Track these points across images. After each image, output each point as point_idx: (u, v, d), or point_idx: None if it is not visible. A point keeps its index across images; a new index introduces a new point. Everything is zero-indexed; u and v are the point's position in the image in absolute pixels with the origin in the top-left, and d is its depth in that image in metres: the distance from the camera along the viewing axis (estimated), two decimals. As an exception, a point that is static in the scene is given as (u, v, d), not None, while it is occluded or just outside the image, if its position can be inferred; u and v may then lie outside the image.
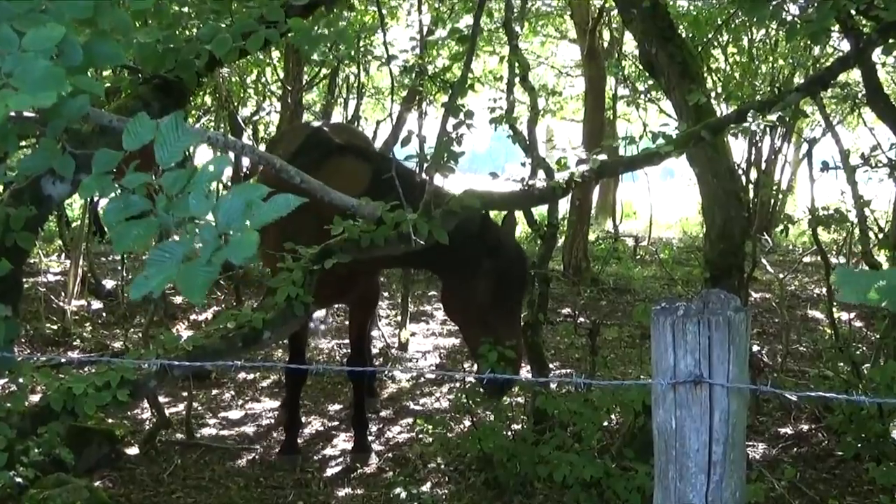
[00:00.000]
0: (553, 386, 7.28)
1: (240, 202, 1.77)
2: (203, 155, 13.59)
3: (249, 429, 7.34)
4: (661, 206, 20.59)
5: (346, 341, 9.55)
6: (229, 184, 11.54)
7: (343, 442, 7.04)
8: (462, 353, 9.31)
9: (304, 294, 4.57)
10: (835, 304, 7.87)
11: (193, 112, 12.06)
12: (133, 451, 6.61)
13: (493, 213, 5.84)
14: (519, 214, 7.52)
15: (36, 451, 4.65)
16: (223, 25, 4.15)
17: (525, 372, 6.73)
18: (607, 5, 13.00)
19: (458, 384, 8.13)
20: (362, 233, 4.70)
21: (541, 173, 6.14)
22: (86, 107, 2.22)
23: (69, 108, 2.19)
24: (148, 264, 1.80)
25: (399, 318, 10.15)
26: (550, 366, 7.89)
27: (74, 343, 9.00)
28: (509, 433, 6.11)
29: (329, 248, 4.80)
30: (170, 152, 1.96)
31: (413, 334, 10.17)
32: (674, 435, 2.58)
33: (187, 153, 2.08)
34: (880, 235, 8.49)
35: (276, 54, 12.18)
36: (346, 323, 8.76)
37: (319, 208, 3.95)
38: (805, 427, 6.96)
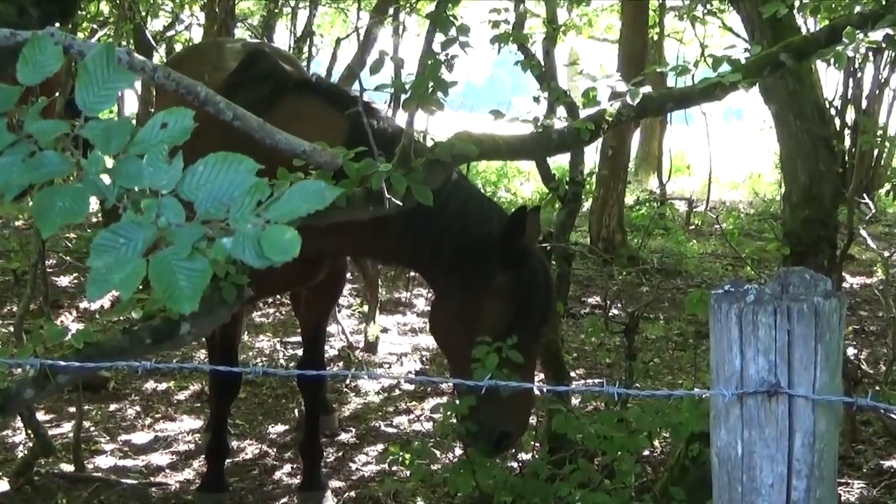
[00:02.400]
0: (575, 401, 7.32)
1: (227, 179, 1.82)
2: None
3: (160, 457, 7.36)
4: (725, 158, 20.63)
5: (295, 339, 9.67)
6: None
7: (288, 476, 7.07)
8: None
9: (236, 274, 4.53)
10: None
11: (85, 25, 12.00)
12: (1, 486, 6.60)
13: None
14: (530, 167, 7.53)
15: None
16: None
17: (537, 381, 6.76)
18: None
19: (445, 396, 8.15)
20: (317, 190, 4.70)
21: (560, 111, 6.14)
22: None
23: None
24: (93, 253, 1.80)
25: (365, 308, 10.17)
26: (572, 374, 7.94)
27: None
28: (515, 465, 6.12)
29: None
30: (98, 95, 1.95)
31: (384, 330, 10.18)
32: (740, 465, 2.60)
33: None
34: None
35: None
36: (295, 314, 8.72)
37: (258, 155, 3.94)
38: (918, 460, 7.05)
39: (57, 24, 4.17)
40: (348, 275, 10.79)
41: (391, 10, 11.00)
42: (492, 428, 5.57)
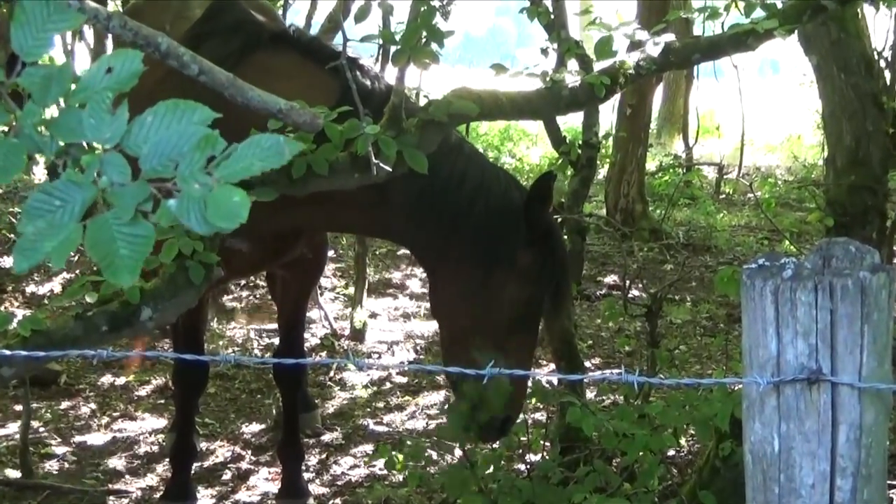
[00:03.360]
0: (591, 394, 7.36)
1: (177, 131, 1.79)
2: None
3: (119, 461, 7.36)
4: (760, 117, 20.58)
5: (271, 326, 9.67)
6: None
7: (264, 482, 7.08)
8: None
9: (205, 251, 4.56)
10: None
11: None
12: (-61, 495, 6.62)
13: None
14: (537, 129, 7.51)
15: None
16: None
17: (546, 370, 6.78)
18: None
19: (443, 391, 8.14)
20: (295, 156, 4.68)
21: (572, 64, 6.12)
22: None
23: None
24: (25, 217, 1.79)
25: (351, 290, 10.15)
26: (587, 364, 8.00)
27: None
28: (523, 467, 6.14)
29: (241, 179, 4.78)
30: (36, 38, 1.94)
31: (373, 316, 10.19)
32: (776, 462, 2.60)
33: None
34: None
35: None
36: (272, 297, 8.81)
37: (228, 115, 3.92)
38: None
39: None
40: (331, 252, 10.86)
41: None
42: (494, 416, 5.62)
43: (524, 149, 18.93)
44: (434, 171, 4.94)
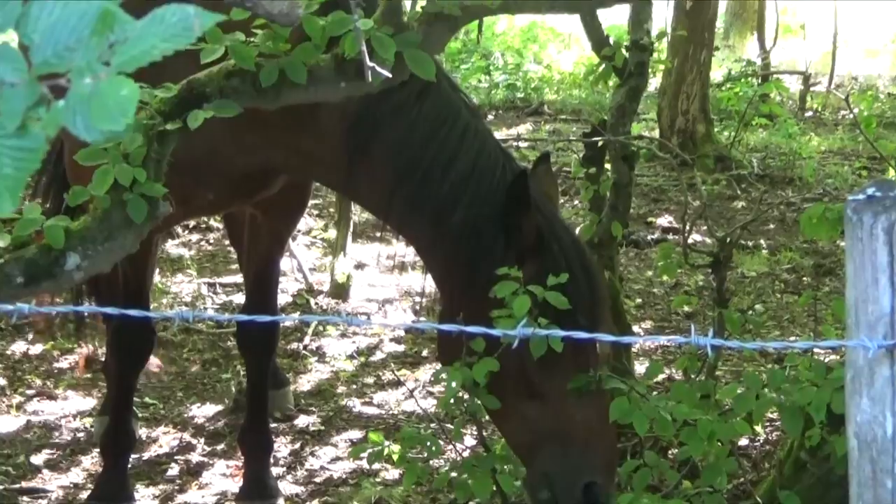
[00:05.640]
0: (639, 367, 7.39)
1: (76, 9, 1.76)
2: None
3: (35, 453, 7.38)
4: (856, 14, 20.48)
5: (229, 279, 9.77)
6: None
7: (222, 479, 7.13)
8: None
9: (147, 182, 4.50)
10: None
11: None
12: None
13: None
14: (571, 26, 7.48)
15: None
16: None
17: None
18: None
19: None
20: (263, 56, 4.68)
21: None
22: None
23: None
24: None
25: (332, 233, 10.21)
26: (636, 328, 8.03)
27: None
28: None
29: (196, 87, 4.73)
30: None
31: (360, 266, 10.25)
32: (889, 449, 2.61)
33: None
34: None
35: None
36: (232, 243, 8.84)
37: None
38: None
39: None
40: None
41: None
42: (570, 482, 5.57)
43: (553, 53, 18.89)
44: (420, 145, 5.19)
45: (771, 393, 5.34)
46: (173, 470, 7.22)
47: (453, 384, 5.60)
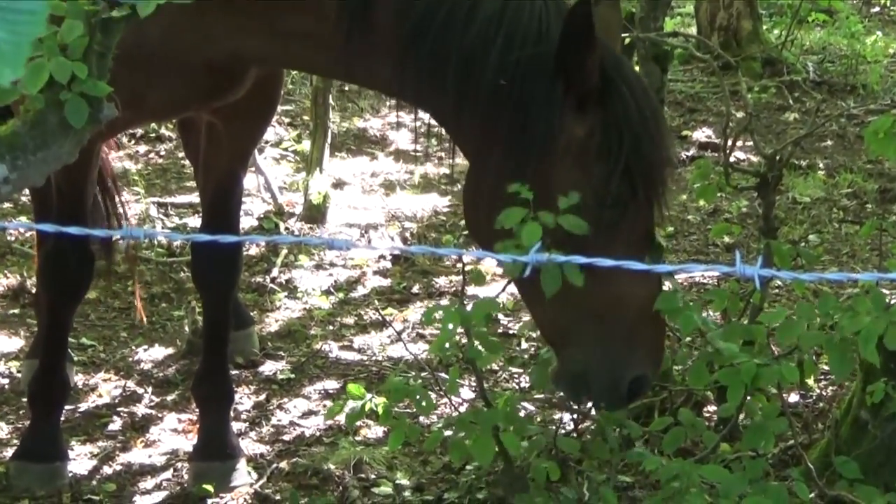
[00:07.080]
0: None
1: None
2: None
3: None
4: None
5: (182, 199, 9.75)
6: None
7: (172, 435, 7.17)
8: (453, 228, 9.33)
9: (88, 80, 4.29)
10: None
11: None
12: None
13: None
14: None
15: None
16: None
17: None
18: None
19: (446, 297, 7.95)
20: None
21: None
22: None
23: None
24: None
25: (306, 144, 10.15)
26: (669, 259, 7.85)
27: None
28: (566, 416, 6.53)
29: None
30: None
31: (339, 185, 10.20)
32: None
33: None
34: None
35: None
36: (187, 156, 8.85)
37: None
38: None
39: None
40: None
41: None
42: (618, 376, 5.51)
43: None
44: None
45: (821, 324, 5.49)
46: (115, 424, 7.26)
47: (449, 325, 5.67)
